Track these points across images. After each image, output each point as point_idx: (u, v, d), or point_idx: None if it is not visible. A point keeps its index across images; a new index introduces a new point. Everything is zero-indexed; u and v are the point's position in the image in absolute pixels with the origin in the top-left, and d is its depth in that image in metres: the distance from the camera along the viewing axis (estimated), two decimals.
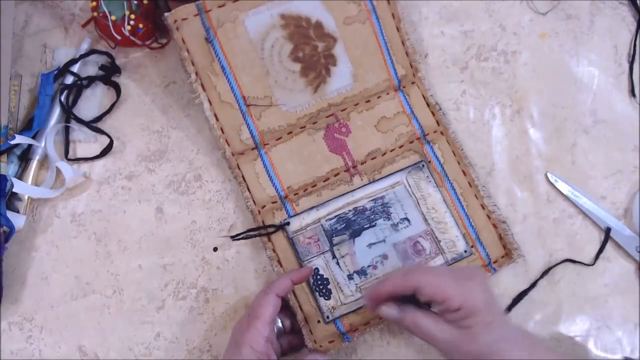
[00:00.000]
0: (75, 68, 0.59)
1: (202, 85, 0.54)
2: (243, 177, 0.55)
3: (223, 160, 0.57)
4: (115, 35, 0.57)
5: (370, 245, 0.54)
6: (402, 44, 0.58)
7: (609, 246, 0.56)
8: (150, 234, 0.56)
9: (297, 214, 0.55)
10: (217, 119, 0.55)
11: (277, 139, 0.56)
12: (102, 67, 0.60)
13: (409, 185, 0.56)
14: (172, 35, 0.53)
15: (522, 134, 0.59)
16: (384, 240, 0.54)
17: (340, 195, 0.55)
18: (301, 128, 0.56)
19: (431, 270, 0.47)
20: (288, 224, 0.54)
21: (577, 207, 0.57)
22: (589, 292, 0.55)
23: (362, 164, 0.56)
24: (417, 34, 0.62)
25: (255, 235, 0.55)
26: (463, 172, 0.57)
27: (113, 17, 0.57)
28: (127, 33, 0.57)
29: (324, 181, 0.56)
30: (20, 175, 0.57)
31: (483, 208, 0.56)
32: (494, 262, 0.55)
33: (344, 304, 0.53)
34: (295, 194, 0.55)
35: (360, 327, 0.52)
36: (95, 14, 0.57)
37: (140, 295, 0.55)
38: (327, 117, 0.57)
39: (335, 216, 0.55)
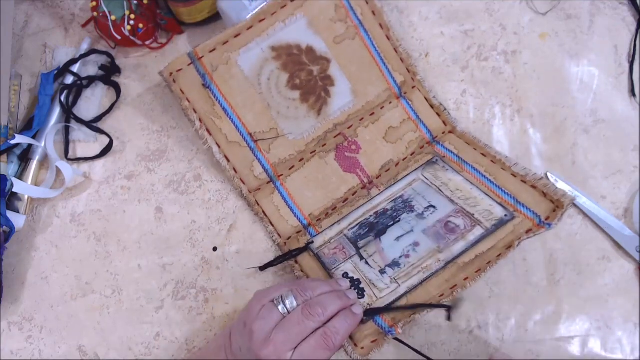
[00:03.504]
0: (75, 68, 0.59)
1: (208, 130, 0.55)
2: (264, 212, 0.56)
3: None
4: (115, 35, 0.57)
5: (398, 238, 0.51)
6: (394, 51, 0.58)
7: (609, 246, 0.56)
8: (150, 233, 0.56)
9: (320, 233, 0.54)
10: (228, 160, 0.55)
11: (290, 168, 0.56)
12: (102, 67, 0.60)
13: (427, 179, 0.55)
14: (170, 88, 0.54)
15: (522, 134, 0.59)
16: (412, 230, 0.51)
17: (360, 206, 0.55)
18: (312, 153, 0.57)
19: None
20: (312, 242, 0.54)
21: (577, 207, 0.57)
22: (589, 292, 0.55)
23: (377, 178, 0.57)
24: (417, 34, 0.61)
25: (281, 262, 0.54)
26: (482, 154, 0.55)
27: (113, 17, 0.57)
28: (127, 33, 0.57)
29: (344, 202, 0.56)
30: (20, 175, 0.57)
31: (515, 176, 0.52)
32: (547, 219, 0.49)
33: (380, 298, 0.48)
34: (317, 220, 0.55)
35: (405, 319, 0.47)
36: (95, 14, 0.57)
37: (139, 295, 0.55)
38: (334, 137, 0.57)
39: (358, 224, 0.54)
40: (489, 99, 0.60)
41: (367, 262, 0.51)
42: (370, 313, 0.47)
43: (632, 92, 0.60)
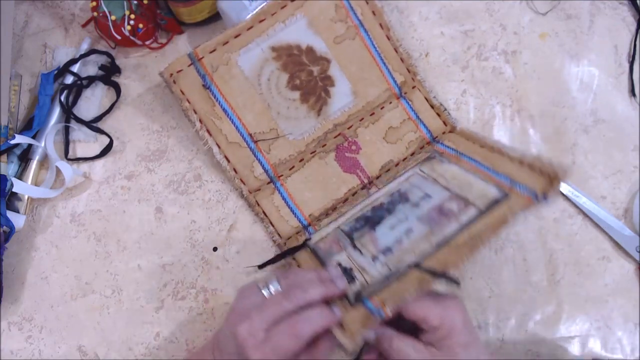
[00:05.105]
0: (75, 68, 0.59)
1: (208, 131, 0.55)
2: (264, 212, 0.56)
3: None
4: (115, 35, 0.57)
5: (392, 227, 0.50)
6: (395, 51, 0.58)
7: (609, 246, 0.56)
8: (150, 233, 0.56)
9: (318, 231, 0.55)
10: (228, 161, 0.55)
11: (290, 169, 0.56)
12: (102, 67, 0.60)
13: (424, 172, 0.54)
14: (171, 89, 0.54)
15: (522, 134, 0.59)
16: (406, 219, 0.50)
17: (358, 203, 0.55)
18: (312, 153, 0.57)
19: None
20: (309, 239, 0.54)
21: (577, 207, 0.57)
22: (589, 292, 0.55)
23: (377, 178, 0.57)
24: (417, 34, 0.62)
25: (280, 259, 0.54)
26: (480, 146, 0.54)
27: (113, 17, 0.57)
28: (127, 33, 0.57)
29: (343, 202, 0.56)
30: (20, 175, 0.57)
31: (512, 160, 0.51)
32: (543, 193, 0.46)
33: (371, 284, 0.46)
34: (318, 220, 0.55)
35: (395, 298, 0.44)
36: (95, 14, 0.57)
37: (139, 295, 0.55)
38: (334, 137, 0.57)
39: (354, 219, 0.54)
40: (489, 99, 0.60)
41: (360, 251, 0.50)
42: (359, 297, 0.46)
43: (632, 92, 0.60)
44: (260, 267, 0.54)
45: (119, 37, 0.57)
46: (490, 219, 0.47)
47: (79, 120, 0.59)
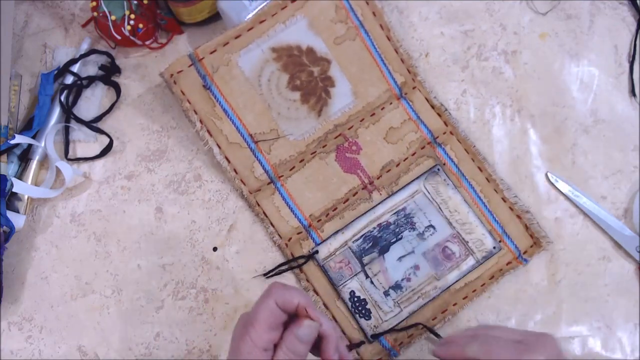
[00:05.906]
0: (75, 68, 0.59)
1: (209, 132, 0.55)
2: (264, 213, 0.56)
3: None
4: (115, 35, 0.57)
5: (400, 258, 0.54)
6: (395, 52, 0.58)
7: (609, 246, 0.56)
8: (150, 233, 0.56)
9: (324, 241, 0.55)
10: (228, 161, 0.55)
11: (290, 169, 0.56)
12: (102, 67, 0.60)
13: (428, 192, 0.56)
14: (171, 89, 0.54)
15: (522, 134, 0.59)
16: (412, 251, 0.55)
17: (363, 214, 0.56)
18: (312, 154, 0.57)
19: (491, 340, 0.42)
20: (317, 252, 0.54)
21: (577, 207, 0.57)
22: (589, 292, 0.55)
23: (378, 178, 0.57)
24: (417, 34, 0.61)
25: (286, 270, 0.55)
26: (479, 168, 0.57)
27: (113, 17, 0.57)
28: (127, 33, 0.57)
29: (344, 203, 0.56)
30: (20, 175, 0.57)
31: (505, 201, 0.56)
32: (524, 253, 0.55)
33: (385, 321, 0.53)
34: (318, 221, 0.55)
35: (405, 340, 0.53)
36: (95, 14, 0.57)
37: (139, 295, 0.55)
38: (335, 138, 0.57)
39: (361, 236, 0.55)
40: (489, 98, 0.60)
41: (372, 282, 0.54)
42: (377, 336, 0.53)
43: (632, 92, 0.60)
44: (267, 276, 0.55)
45: (119, 37, 0.57)
46: (483, 269, 0.55)
47: (79, 120, 0.59)
